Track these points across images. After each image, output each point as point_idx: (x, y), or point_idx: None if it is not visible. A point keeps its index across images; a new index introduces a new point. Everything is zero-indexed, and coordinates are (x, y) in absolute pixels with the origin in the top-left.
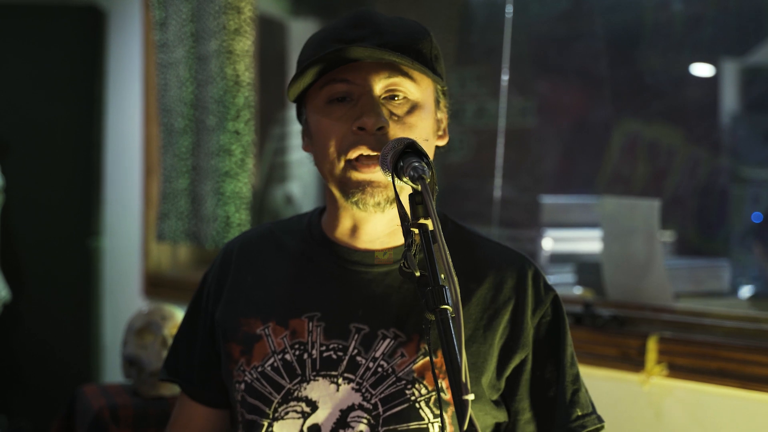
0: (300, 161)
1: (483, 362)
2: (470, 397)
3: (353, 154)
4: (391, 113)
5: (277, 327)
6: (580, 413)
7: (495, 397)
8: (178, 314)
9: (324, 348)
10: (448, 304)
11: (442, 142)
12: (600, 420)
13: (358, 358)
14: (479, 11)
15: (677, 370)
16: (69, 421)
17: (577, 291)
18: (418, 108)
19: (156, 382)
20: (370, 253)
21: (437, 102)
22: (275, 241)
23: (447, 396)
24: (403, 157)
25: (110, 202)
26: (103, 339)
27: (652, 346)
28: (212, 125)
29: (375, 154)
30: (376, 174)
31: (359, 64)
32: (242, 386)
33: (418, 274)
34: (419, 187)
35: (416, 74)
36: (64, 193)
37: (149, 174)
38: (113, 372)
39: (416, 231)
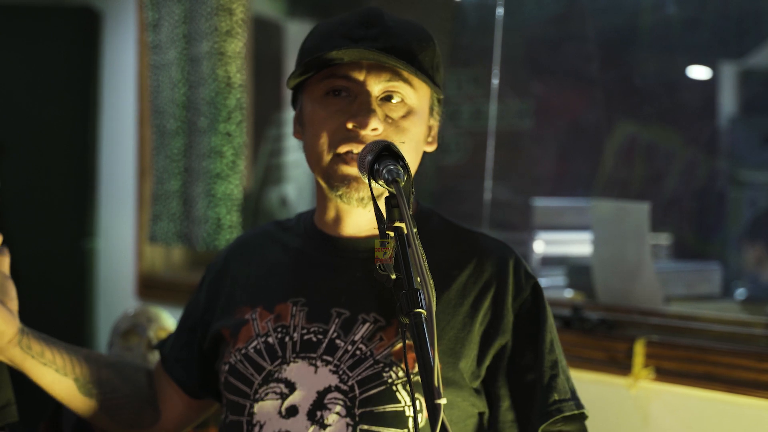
0: (295, 163)
1: (461, 347)
2: (443, 401)
3: (343, 149)
4: (387, 116)
5: (264, 312)
6: (557, 398)
7: (476, 384)
8: (164, 316)
9: (305, 331)
10: (422, 308)
11: (431, 148)
12: (579, 406)
13: (338, 341)
14: (471, 13)
15: (664, 374)
16: (56, 419)
17: (568, 294)
18: (412, 113)
19: None
20: (355, 240)
21: (431, 109)
22: (271, 238)
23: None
24: (380, 160)
25: (104, 204)
26: (96, 340)
27: (639, 350)
28: (204, 127)
29: None
30: None
31: (362, 62)
32: (226, 367)
33: (393, 276)
34: (395, 190)
35: (415, 80)
36: (59, 194)
37: (143, 175)
38: None
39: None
